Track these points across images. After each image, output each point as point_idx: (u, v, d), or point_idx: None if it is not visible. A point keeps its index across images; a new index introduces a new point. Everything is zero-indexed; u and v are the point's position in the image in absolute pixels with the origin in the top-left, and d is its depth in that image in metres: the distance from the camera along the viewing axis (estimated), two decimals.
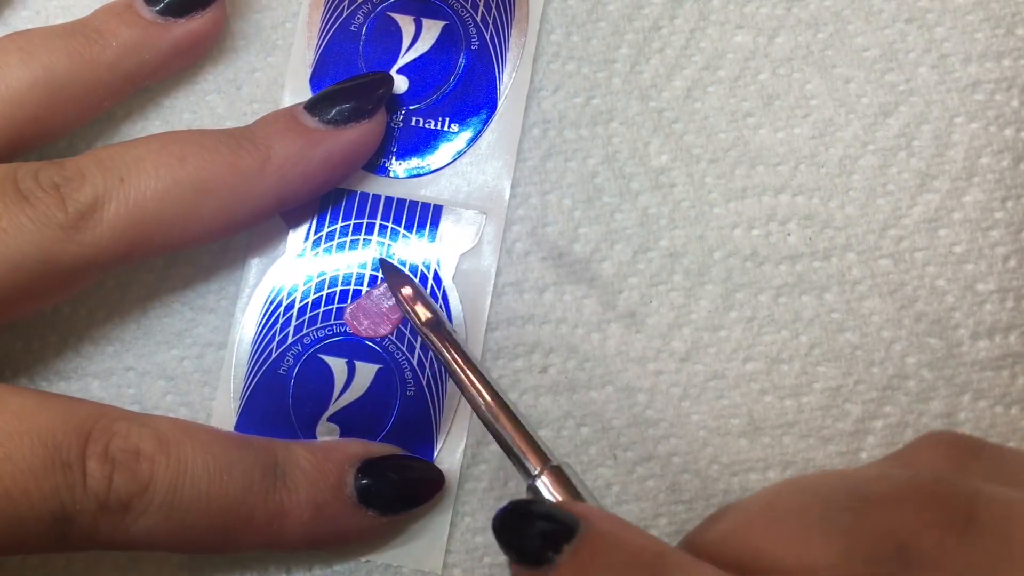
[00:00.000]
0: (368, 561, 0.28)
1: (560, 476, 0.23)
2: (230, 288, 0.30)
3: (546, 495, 0.23)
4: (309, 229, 0.30)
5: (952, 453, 0.20)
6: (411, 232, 0.30)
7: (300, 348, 0.29)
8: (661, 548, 0.19)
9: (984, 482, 0.18)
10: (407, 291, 0.27)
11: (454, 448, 0.28)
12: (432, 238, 0.29)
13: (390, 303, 0.29)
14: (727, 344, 0.29)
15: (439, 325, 0.26)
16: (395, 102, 0.30)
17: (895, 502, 0.18)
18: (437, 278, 0.29)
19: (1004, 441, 0.28)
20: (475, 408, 0.25)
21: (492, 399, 0.25)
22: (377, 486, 0.27)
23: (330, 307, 0.29)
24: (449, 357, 0.25)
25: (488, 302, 0.29)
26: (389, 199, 0.30)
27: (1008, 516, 0.17)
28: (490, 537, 0.22)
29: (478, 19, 0.30)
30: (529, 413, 0.29)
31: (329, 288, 0.29)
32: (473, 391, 0.25)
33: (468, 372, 0.25)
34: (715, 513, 0.21)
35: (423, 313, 0.26)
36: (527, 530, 0.20)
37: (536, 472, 0.23)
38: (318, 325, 0.29)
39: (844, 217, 0.29)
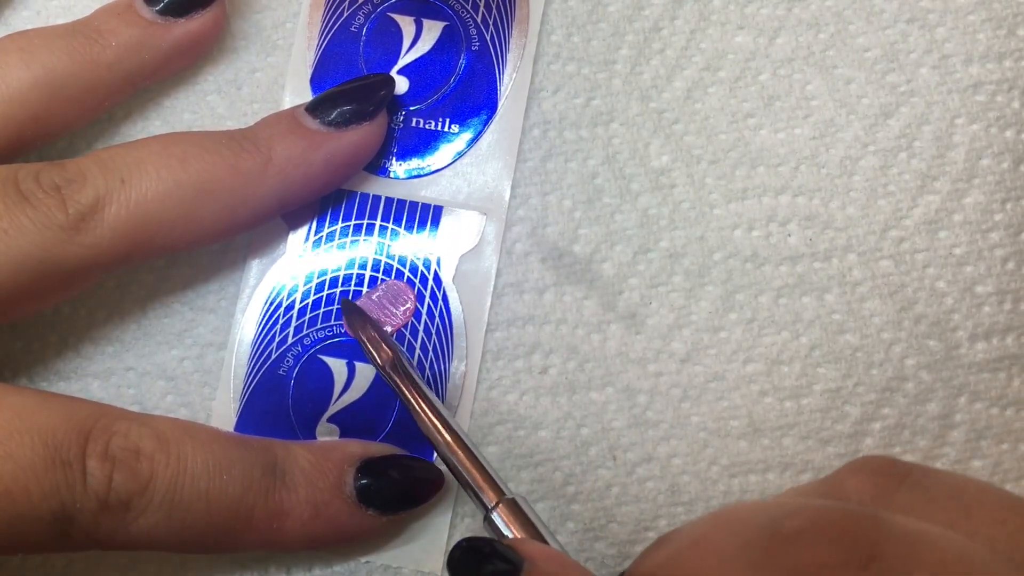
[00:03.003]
0: (368, 562, 0.28)
1: (515, 509, 0.25)
2: (230, 288, 0.30)
3: (501, 527, 0.25)
4: (309, 230, 0.30)
5: (877, 481, 0.21)
6: (411, 233, 0.30)
7: (300, 349, 0.29)
8: None
9: (898, 513, 0.19)
10: (368, 332, 0.28)
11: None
12: (432, 239, 0.29)
13: (390, 305, 0.29)
14: (727, 345, 0.29)
15: (399, 365, 0.27)
16: (395, 103, 0.30)
17: (801, 539, 0.18)
18: (437, 279, 0.29)
19: (999, 443, 0.28)
20: (434, 445, 0.26)
21: (450, 437, 0.26)
22: (377, 486, 0.27)
23: (330, 308, 0.29)
24: (409, 396, 0.27)
25: (488, 303, 0.29)
26: (389, 200, 0.30)
27: (911, 556, 0.17)
28: None
29: (478, 20, 0.30)
30: (529, 414, 0.29)
31: (329, 289, 0.29)
32: (432, 429, 0.26)
33: (428, 411, 0.26)
34: (654, 542, 0.22)
35: (384, 353, 0.27)
36: (479, 569, 0.22)
37: (492, 505, 0.25)
38: (318, 326, 0.29)
39: (845, 218, 0.29)
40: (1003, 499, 0.20)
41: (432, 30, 0.30)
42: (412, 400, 0.26)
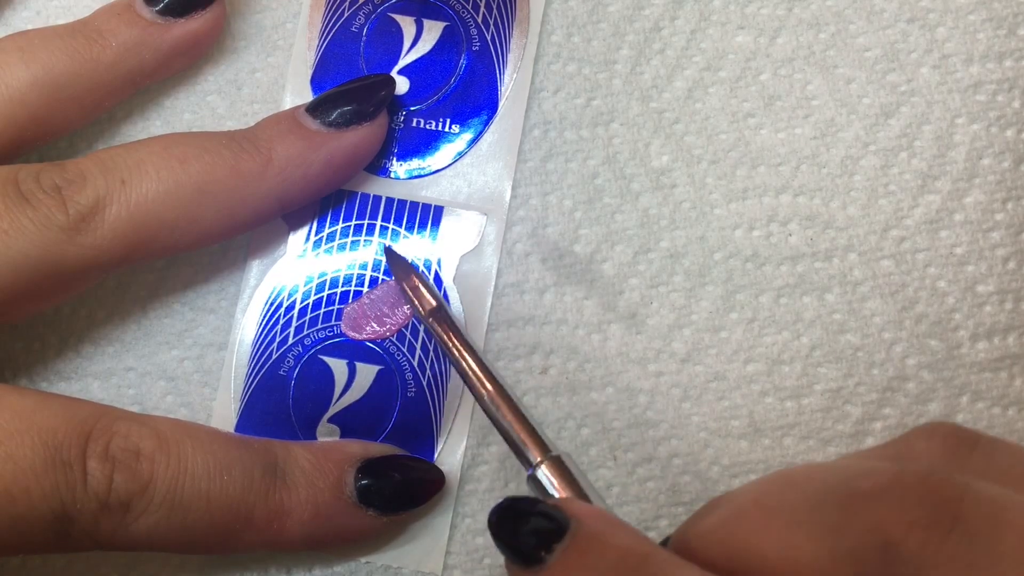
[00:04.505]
0: (368, 562, 0.28)
1: (560, 467, 0.23)
2: (231, 289, 0.30)
3: (546, 485, 0.23)
4: (310, 230, 0.30)
5: (948, 445, 0.20)
6: (412, 233, 0.30)
7: (301, 349, 0.29)
8: (648, 549, 0.20)
9: (976, 478, 0.18)
10: (412, 280, 0.27)
11: (455, 449, 0.28)
12: (433, 239, 0.29)
13: (390, 306, 0.29)
14: (728, 345, 0.29)
15: (443, 315, 0.26)
16: (396, 103, 0.30)
17: (882, 498, 0.18)
18: (438, 279, 0.29)
19: None
20: (477, 398, 0.25)
21: (495, 389, 0.25)
22: (377, 486, 0.27)
23: (331, 308, 0.29)
24: (452, 347, 0.26)
25: (489, 303, 0.29)
26: (390, 200, 0.30)
27: (996, 517, 0.17)
28: (491, 538, 0.22)
29: (479, 20, 0.30)
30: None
31: (330, 289, 0.29)
32: (475, 381, 0.25)
33: (471, 362, 0.25)
34: (709, 502, 0.21)
35: (428, 302, 0.26)
36: (521, 529, 0.21)
37: (536, 462, 0.24)
38: (319, 326, 0.29)
39: (845, 218, 0.29)
40: None
41: (432, 30, 0.30)
42: (455, 351, 0.25)
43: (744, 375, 0.29)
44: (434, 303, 0.26)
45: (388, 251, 0.28)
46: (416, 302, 0.26)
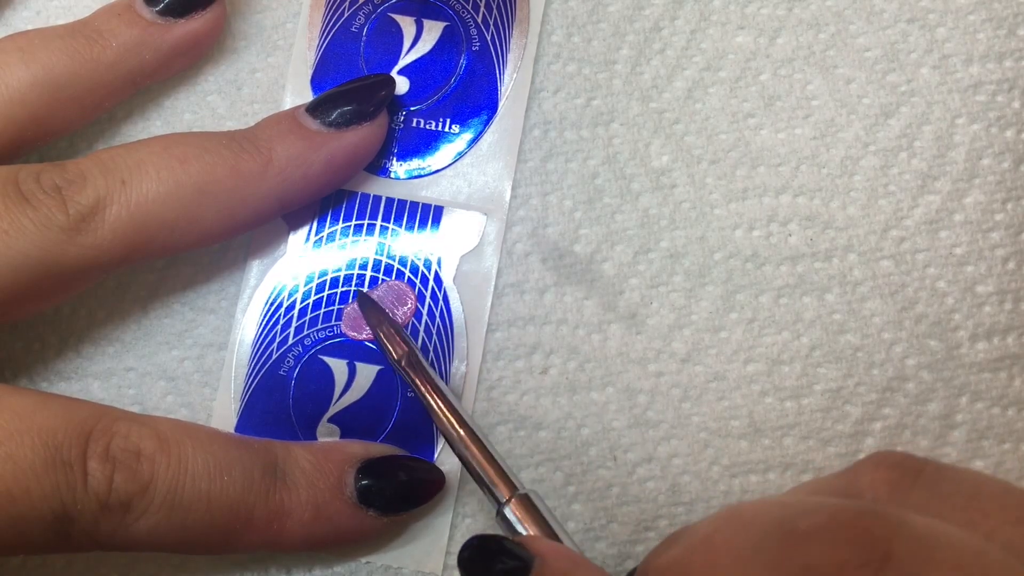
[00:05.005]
0: (368, 562, 0.28)
1: (527, 504, 0.25)
2: (231, 289, 0.30)
3: (513, 522, 0.25)
4: (310, 230, 0.30)
5: (892, 476, 0.20)
6: (412, 233, 0.30)
7: (301, 349, 0.29)
8: None
9: (914, 511, 0.18)
10: (385, 328, 0.28)
11: None
12: (433, 239, 0.29)
13: (391, 306, 0.29)
14: (728, 345, 0.29)
15: (414, 360, 0.27)
16: (396, 103, 0.30)
17: (817, 538, 0.18)
18: (438, 279, 0.29)
19: (1001, 443, 0.28)
20: (448, 440, 0.26)
21: (464, 432, 0.26)
22: (377, 486, 0.27)
23: (331, 308, 0.29)
24: (423, 391, 0.27)
25: (489, 303, 0.29)
26: (390, 200, 0.30)
27: (926, 556, 0.17)
28: None
29: (479, 20, 0.30)
30: (529, 414, 0.29)
31: (330, 289, 0.29)
32: (446, 423, 0.26)
33: (442, 405, 0.27)
34: (669, 536, 0.22)
35: (399, 347, 0.27)
36: (489, 566, 0.22)
37: (504, 500, 0.25)
38: (319, 326, 0.29)
39: (845, 218, 0.29)
40: (1021, 499, 0.19)
41: (432, 30, 0.30)
42: (427, 395, 0.27)
43: (744, 375, 0.29)
44: (406, 348, 0.27)
45: (360, 296, 0.29)
46: (389, 348, 0.27)
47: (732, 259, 0.29)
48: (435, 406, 0.26)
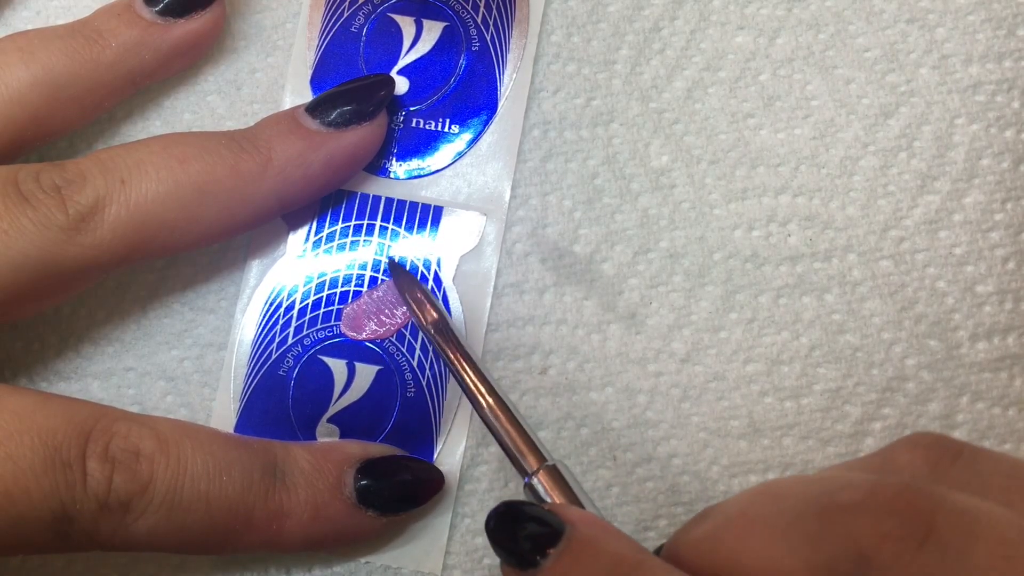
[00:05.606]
0: (368, 562, 0.28)
1: (556, 475, 0.24)
2: (230, 289, 0.30)
3: (541, 493, 0.24)
4: (309, 230, 0.30)
5: (930, 456, 0.20)
6: (411, 233, 0.30)
7: (300, 349, 0.29)
8: (640, 556, 0.20)
9: (954, 490, 0.18)
10: (415, 293, 0.27)
11: (454, 449, 0.28)
12: (432, 239, 0.29)
13: (390, 306, 0.29)
14: (727, 345, 0.29)
15: (444, 327, 0.27)
16: (396, 103, 0.30)
17: (858, 511, 0.18)
18: (437, 279, 0.29)
19: (1002, 443, 0.28)
20: (476, 408, 0.26)
21: (493, 400, 0.25)
22: (377, 487, 0.27)
23: (330, 308, 0.29)
24: (452, 358, 0.26)
25: (488, 303, 0.29)
26: (389, 200, 0.30)
27: (969, 531, 0.17)
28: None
29: (479, 20, 0.30)
30: (529, 414, 0.29)
31: (329, 289, 0.29)
32: (475, 392, 0.26)
33: (471, 373, 0.26)
34: (700, 512, 0.22)
35: (429, 314, 0.27)
36: (517, 532, 0.21)
37: (533, 470, 0.24)
38: (318, 326, 0.29)
39: (845, 218, 0.29)
40: None
41: (432, 30, 0.30)
42: (456, 363, 0.26)
43: (743, 375, 0.29)
44: (436, 316, 0.27)
45: (392, 263, 0.28)
46: (419, 314, 0.27)
47: (732, 259, 0.29)
48: (464, 374, 0.26)
